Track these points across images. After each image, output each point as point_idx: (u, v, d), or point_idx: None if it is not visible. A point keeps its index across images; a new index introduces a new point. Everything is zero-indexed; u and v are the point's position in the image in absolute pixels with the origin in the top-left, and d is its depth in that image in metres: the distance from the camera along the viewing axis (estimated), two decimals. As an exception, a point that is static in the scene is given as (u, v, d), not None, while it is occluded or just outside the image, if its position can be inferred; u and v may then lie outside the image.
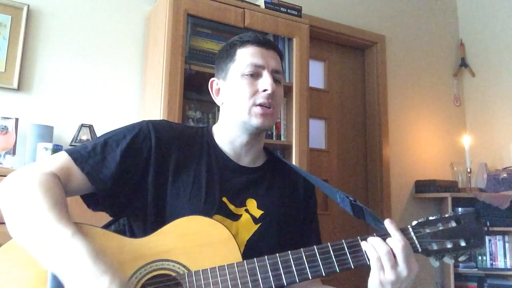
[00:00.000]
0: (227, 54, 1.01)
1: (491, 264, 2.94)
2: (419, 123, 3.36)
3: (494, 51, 3.43)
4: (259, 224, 0.95)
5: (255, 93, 0.96)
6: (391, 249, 0.79)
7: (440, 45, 3.59)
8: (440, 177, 3.25)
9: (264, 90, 0.96)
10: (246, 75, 0.97)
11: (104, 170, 0.86)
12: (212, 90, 1.06)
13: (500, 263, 2.93)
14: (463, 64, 3.58)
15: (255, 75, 0.97)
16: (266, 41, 1.01)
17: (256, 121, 0.96)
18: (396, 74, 3.30)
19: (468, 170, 3.16)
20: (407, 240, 0.81)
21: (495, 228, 2.87)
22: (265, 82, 0.96)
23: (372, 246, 0.80)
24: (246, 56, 0.98)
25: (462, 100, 3.62)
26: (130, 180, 0.90)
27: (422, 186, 3.16)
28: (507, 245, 2.93)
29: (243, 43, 1.00)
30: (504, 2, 3.39)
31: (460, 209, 2.99)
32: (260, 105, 0.96)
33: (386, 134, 3.13)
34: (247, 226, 0.94)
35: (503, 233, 2.95)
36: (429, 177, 3.20)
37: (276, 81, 0.99)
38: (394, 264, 0.78)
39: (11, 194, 0.78)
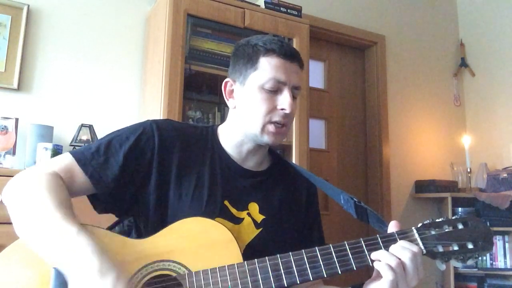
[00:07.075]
0: (249, 58, 0.95)
1: (491, 264, 2.94)
2: (419, 123, 3.35)
3: (494, 51, 3.43)
4: (260, 229, 0.94)
5: (272, 110, 0.93)
6: (401, 260, 0.76)
7: (440, 45, 3.59)
8: (440, 177, 3.24)
9: (282, 109, 0.93)
10: (267, 89, 0.93)
11: (107, 172, 0.86)
12: (225, 90, 1.01)
13: (500, 263, 2.93)
14: (463, 64, 3.58)
15: (275, 90, 0.93)
16: (291, 53, 0.95)
17: (267, 139, 0.94)
18: (396, 74, 3.30)
19: (468, 170, 3.16)
20: (418, 248, 0.78)
21: (495, 228, 2.86)
22: (284, 101, 0.93)
23: (382, 260, 0.77)
24: (269, 68, 0.93)
25: (462, 100, 3.61)
26: (133, 182, 0.89)
27: (422, 186, 3.16)
28: (507, 245, 2.93)
29: (268, 51, 0.94)
30: (504, 3, 3.39)
31: (460, 209, 2.99)
32: (275, 122, 0.94)
33: (386, 134, 3.13)
34: (248, 230, 0.94)
35: (503, 233, 2.94)
36: (429, 177, 3.20)
37: (293, 97, 0.96)
38: (404, 276, 0.75)
39: (17, 195, 0.79)
